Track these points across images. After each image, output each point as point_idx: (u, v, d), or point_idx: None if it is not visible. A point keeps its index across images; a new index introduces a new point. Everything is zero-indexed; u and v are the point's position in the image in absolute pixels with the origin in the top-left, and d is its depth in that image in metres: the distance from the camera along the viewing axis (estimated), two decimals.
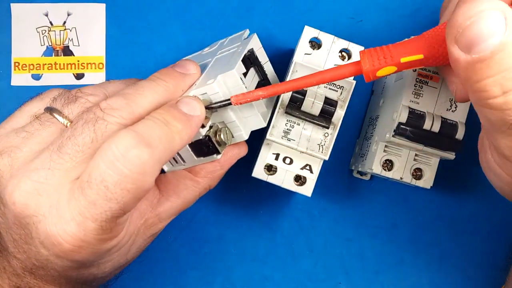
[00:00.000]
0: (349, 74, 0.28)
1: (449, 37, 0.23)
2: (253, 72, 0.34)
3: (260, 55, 0.34)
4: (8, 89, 0.41)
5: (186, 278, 0.41)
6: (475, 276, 0.42)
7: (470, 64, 0.22)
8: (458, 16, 0.22)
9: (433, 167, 0.36)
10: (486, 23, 0.21)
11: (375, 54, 0.27)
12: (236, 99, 0.30)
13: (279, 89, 0.30)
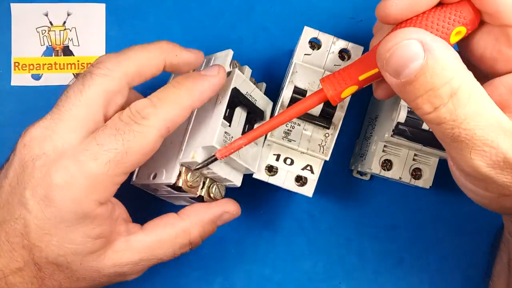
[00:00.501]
0: (317, 103, 0.30)
1: (379, 66, 0.26)
2: (239, 110, 0.34)
3: (244, 87, 0.34)
4: (8, 89, 0.41)
5: (186, 278, 0.41)
6: (475, 276, 0.42)
7: (401, 87, 0.25)
8: (382, 47, 0.25)
9: (432, 167, 0.36)
10: (405, 51, 0.24)
11: (334, 79, 0.29)
12: (220, 153, 0.31)
13: (257, 134, 0.31)
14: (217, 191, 0.34)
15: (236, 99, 0.33)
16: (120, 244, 0.31)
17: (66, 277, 0.30)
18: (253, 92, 0.35)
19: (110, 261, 0.31)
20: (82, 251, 0.30)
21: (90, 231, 0.29)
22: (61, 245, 0.29)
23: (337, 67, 0.36)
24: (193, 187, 0.33)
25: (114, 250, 0.31)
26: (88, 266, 0.30)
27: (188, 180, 0.33)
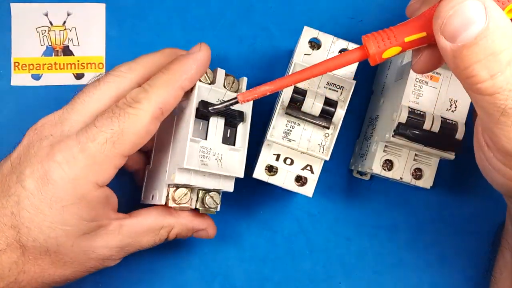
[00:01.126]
0: (355, 60, 0.28)
1: (435, 28, 0.24)
2: (215, 119, 0.34)
3: (213, 95, 0.33)
4: (8, 89, 0.41)
5: (186, 278, 0.41)
6: (475, 276, 0.42)
7: (456, 52, 0.23)
8: (441, 7, 0.24)
9: (433, 167, 0.36)
10: (466, 12, 0.23)
11: (379, 36, 0.27)
12: (243, 97, 0.30)
13: (285, 82, 0.30)
14: (211, 201, 0.34)
15: (206, 111, 0.33)
16: (113, 228, 0.32)
17: (52, 262, 0.30)
18: (226, 96, 0.34)
19: (102, 242, 0.32)
20: (75, 233, 0.30)
21: (85, 214, 0.30)
22: (54, 226, 0.29)
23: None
24: (182, 203, 0.33)
25: (107, 232, 0.32)
26: (79, 247, 0.30)
27: (175, 199, 0.33)
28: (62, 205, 0.29)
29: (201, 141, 0.33)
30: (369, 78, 0.43)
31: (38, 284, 0.31)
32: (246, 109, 0.35)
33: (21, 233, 0.29)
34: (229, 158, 0.34)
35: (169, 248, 0.41)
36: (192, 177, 0.33)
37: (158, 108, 0.30)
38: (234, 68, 0.42)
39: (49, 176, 0.29)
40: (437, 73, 0.35)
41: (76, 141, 0.29)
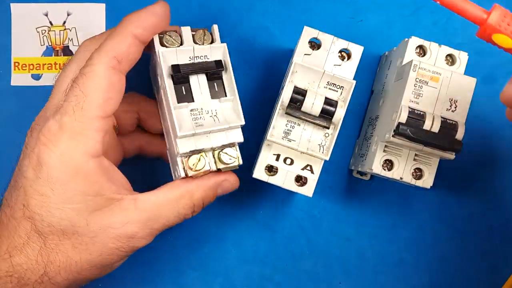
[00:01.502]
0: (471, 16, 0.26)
1: None
2: (195, 78, 0.33)
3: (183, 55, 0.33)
4: (8, 89, 0.41)
5: (186, 278, 0.41)
6: (475, 276, 0.42)
7: None
8: None
9: (433, 167, 0.36)
10: None
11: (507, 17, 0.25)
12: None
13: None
14: (227, 157, 0.33)
15: (180, 74, 0.32)
16: (127, 202, 0.31)
17: (73, 246, 0.30)
18: (197, 51, 0.33)
19: (118, 218, 0.31)
20: (85, 210, 0.30)
21: (87, 188, 0.30)
22: (62, 207, 0.29)
23: (337, 67, 0.36)
24: (199, 169, 0.33)
25: (121, 207, 0.31)
26: (95, 225, 0.30)
27: (191, 167, 0.33)
28: (60, 183, 0.29)
29: (189, 105, 0.32)
30: (369, 78, 0.43)
31: (68, 276, 0.30)
32: (222, 56, 0.34)
33: (36, 222, 0.29)
34: (224, 110, 0.33)
35: (169, 248, 0.41)
36: (195, 142, 0.32)
37: (111, 58, 0.30)
38: (234, 68, 0.42)
39: (41, 160, 0.29)
40: (437, 73, 0.35)
41: (53, 120, 0.30)
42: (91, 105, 0.30)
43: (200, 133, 0.32)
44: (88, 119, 0.30)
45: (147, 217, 0.31)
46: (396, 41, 0.41)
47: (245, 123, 0.34)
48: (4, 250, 0.29)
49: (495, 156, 0.43)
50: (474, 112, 0.43)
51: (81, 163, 0.29)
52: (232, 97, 0.33)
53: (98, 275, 0.32)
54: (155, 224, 0.32)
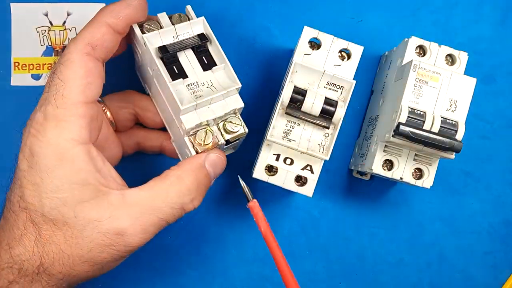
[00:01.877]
0: None
1: None
2: (183, 55, 0.33)
3: (166, 36, 0.33)
4: (8, 89, 0.41)
5: (186, 278, 0.41)
6: (475, 276, 0.42)
7: None
8: None
9: (433, 167, 0.36)
10: None
11: None
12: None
13: None
14: (232, 125, 0.34)
15: (168, 54, 0.33)
16: (115, 197, 0.30)
17: (65, 238, 0.30)
18: (178, 30, 0.34)
19: (106, 212, 0.30)
20: (72, 200, 0.29)
21: (73, 176, 0.30)
22: (50, 196, 0.29)
23: (337, 67, 0.36)
24: (208, 143, 0.33)
25: (109, 201, 0.30)
26: (83, 218, 0.29)
27: (200, 143, 0.33)
28: (48, 171, 0.29)
29: (184, 81, 0.33)
30: (369, 78, 0.43)
31: (62, 269, 0.30)
32: (203, 30, 0.34)
33: (30, 212, 0.30)
34: (218, 79, 0.34)
35: (169, 248, 0.41)
36: (198, 115, 0.33)
37: (85, 45, 0.31)
38: (234, 68, 0.42)
39: (32, 150, 0.30)
40: (437, 73, 0.35)
41: (39, 112, 0.30)
42: (71, 92, 0.30)
43: (201, 103, 0.32)
44: (70, 105, 0.30)
45: (138, 211, 0.30)
46: (396, 41, 0.41)
47: (246, 128, 0.34)
48: (5, 243, 0.30)
49: (495, 156, 0.43)
50: (474, 112, 0.43)
51: (66, 149, 0.30)
52: (223, 64, 0.34)
53: (92, 274, 0.31)
54: (147, 219, 0.30)
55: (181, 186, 0.32)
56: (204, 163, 0.33)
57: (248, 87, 0.42)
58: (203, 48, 0.34)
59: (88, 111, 0.30)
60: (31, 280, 0.30)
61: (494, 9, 0.44)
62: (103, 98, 0.38)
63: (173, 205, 0.31)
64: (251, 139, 0.42)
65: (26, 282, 0.29)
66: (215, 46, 0.34)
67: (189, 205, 0.32)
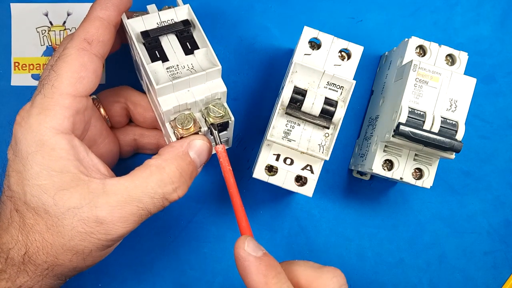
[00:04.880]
0: None
1: None
2: (166, 39, 0.33)
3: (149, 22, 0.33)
4: (8, 89, 0.41)
5: (186, 278, 0.41)
6: (475, 276, 0.42)
7: None
8: None
9: (433, 167, 0.36)
10: None
11: None
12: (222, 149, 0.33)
13: None
14: (215, 109, 0.33)
15: (150, 38, 0.33)
16: (95, 185, 0.30)
17: (47, 227, 0.30)
18: (163, 16, 0.34)
19: (85, 200, 0.30)
20: (52, 187, 0.30)
21: (52, 163, 0.30)
22: (30, 183, 0.30)
23: (337, 67, 0.36)
24: (187, 127, 0.33)
25: (89, 189, 0.30)
26: (62, 206, 0.29)
27: (179, 126, 0.33)
28: (28, 157, 0.30)
29: (164, 64, 0.33)
30: (369, 78, 0.43)
31: (46, 258, 0.30)
32: (187, 16, 0.34)
33: (14, 200, 0.30)
34: (200, 62, 0.33)
35: (169, 248, 0.41)
36: (177, 97, 0.32)
37: (81, 40, 0.32)
38: (234, 68, 0.42)
39: (16, 137, 0.31)
40: (437, 73, 0.35)
41: (29, 102, 0.31)
42: (62, 83, 0.31)
43: (179, 84, 0.32)
44: (58, 96, 0.31)
45: (116, 200, 0.30)
46: (396, 41, 0.41)
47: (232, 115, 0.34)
48: None
49: (495, 156, 0.43)
50: (474, 112, 0.43)
51: (46, 137, 0.30)
52: (205, 48, 0.34)
53: (77, 264, 0.31)
54: (126, 208, 0.30)
55: (162, 175, 0.31)
56: (187, 151, 0.33)
57: (248, 87, 0.42)
58: (186, 34, 0.34)
59: (74, 103, 0.31)
60: (18, 270, 0.30)
61: (494, 9, 0.44)
62: (97, 95, 0.38)
63: (153, 194, 0.31)
64: (251, 139, 0.42)
65: (13, 272, 0.30)
66: (199, 32, 0.34)
67: (173, 194, 0.32)
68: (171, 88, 0.32)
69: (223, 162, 0.32)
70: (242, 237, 0.29)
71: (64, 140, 0.30)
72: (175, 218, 0.41)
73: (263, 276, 0.27)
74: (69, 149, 0.30)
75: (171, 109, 0.32)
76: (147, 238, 0.41)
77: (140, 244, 0.41)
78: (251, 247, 0.28)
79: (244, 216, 0.31)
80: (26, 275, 0.30)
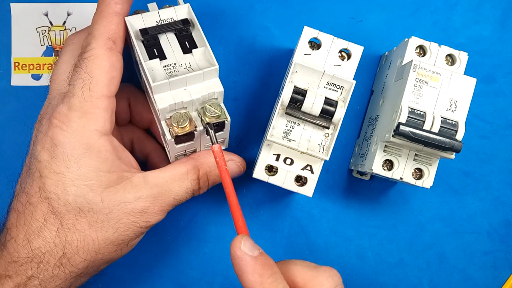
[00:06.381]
0: None
1: None
2: (165, 38, 0.33)
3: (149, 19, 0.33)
4: (8, 89, 0.41)
5: (186, 278, 0.41)
6: (475, 276, 0.42)
7: None
8: None
9: (433, 167, 0.36)
10: None
11: None
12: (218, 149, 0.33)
13: None
14: (211, 109, 0.33)
15: (148, 35, 0.33)
16: (138, 179, 0.32)
17: (89, 223, 0.31)
18: (162, 15, 0.34)
19: (130, 194, 0.32)
20: (99, 186, 0.31)
21: (100, 164, 0.31)
22: (77, 183, 0.30)
23: (337, 67, 0.36)
24: (183, 126, 0.33)
25: (132, 184, 0.32)
26: (109, 202, 0.31)
27: (174, 124, 0.33)
28: (75, 159, 0.30)
29: (162, 62, 0.33)
30: (369, 78, 0.43)
31: (86, 256, 0.31)
32: (187, 15, 0.34)
33: (52, 202, 0.30)
34: (197, 61, 0.33)
35: (169, 248, 0.41)
36: (173, 95, 0.32)
37: (106, 39, 0.32)
38: (234, 68, 0.42)
39: (55, 141, 0.31)
40: (437, 73, 0.35)
41: (62, 104, 0.31)
42: (97, 85, 0.31)
43: (176, 82, 0.32)
44: (96, 99, 0.31)
45: (157, 192, 0.33)
46: (396, 41, 0.41)
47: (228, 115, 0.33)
48: (21, 238, 0.30)
49: (495, 156, 0.43)
50: (474, 112, 0.43)
51: (92, 140, 0.31)
52: (203, 47, 0.34)
53: (115, 255, 0.33)
54: (165, 199, 0.33)
55: (196, 175, 0.34)
56: None
57: (248, 87, 0.42)
58: (185, 33, 0.34)
59: (110, 104, 0.32)
60: (52, 274, 0.30)
61: (494, 9, 0.44)
62: None
63: (187, 190, 0.34)
64: (251, 139, 0.42)
65: (46, 277, 0.30)
66: (198, 32, 0.34)
67: (199, 191, 0.35)
68: (167, 86, 0.32)
69: (219, 162, 0.32)
70: (238, 236, 0.29)
71: (107, 142, 0.32)
72: (175, 218, 0.41)
73: (258, 275, 0.28)
74: (112, 150, 0.32)
75: (167, 107, 0.32)
76: (147, 238, 0.41)
77: (140, 244, 0.41)
78: (248, 247, 0.28)
79: (241, 215, 0.31)
80: (58, 279, 0.31)
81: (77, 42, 0.34)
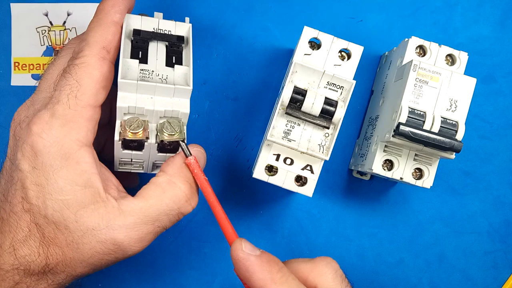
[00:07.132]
0: None
1: None
2: (154, 45, 0.33)
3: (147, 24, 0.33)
4: (8, 89, 0.41)
5: (186, 278, 0.41)
6: (475, 276, 0.42)
7: None
8: None
9: (433, 167, 0.36)
10: None
11: None
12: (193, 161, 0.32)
13: None
14: (169, 127, 0.32)
15: (139, 38, 0.32)
16: (111, 206, 0.30)
17: (66, 242, 0.30)
18: (162, 24, 0.34)
19: (103, 221, 0.30)
20: (74, 203, 0.30)
21: (77, 177, 0.30)
22: (54, 197, 0.29)
23: (337, 67, 0.36)
24: (136, 131, 0.32)
25: (106, 210, 0.30)
26: (83, 224, 0.30)
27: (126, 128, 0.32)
28: (53, 171, 0.29)
29: (141, 65, 0.32)
30: (369, 78, 0.43)
31: (65, 269, 0.30)
32: (185, 33, 0.34)
33: (34, 214, 0.30)
34: (175, 77, 0.33)
35: (169, 248, 0.41)
36: (137, 99, 0.32)
37: (101, 48, 0.31)
38: (234, 68, 0.42)
39: (35, 149, 0.30)
40: (437, 73, 0.35)
41: (45, 110, 0.30)
42: (85, 94, 0.30)
43: (143, 87, 0.31)
44: (81, 108, 0.30)
45: (133, 222, 0.30)
46: (396, 41, 0.41)
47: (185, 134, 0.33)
48: (8, 245, 0.30)
49: (495, 156, 0.43)
50: (474, 112, 0.43)
51: (72, 150, 0.30)
52: (187, 67, 0.33)
53: (93, 272, 0.32)
54: (143, 228, 0.31)
55: (175, 191, 0.31)
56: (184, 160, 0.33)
57: (248, 87, 0.42)
58: (176, 48, 0.33)
59: (95, 115, 0.31)
60: (37, 278, 0.30)
61: (494, 9, 0.44)
62: None
63: (169, 211, 0.31)
64: (251, 139, 0.42)
65: (32, 281, 0.30)
66: (188, 52, 0.33)
67: (188, 207, 0.32)
68: (134, 87, 0.31)
69: (197, 174, 0.31)
70: (237, 240, 0.29)
71: (88, 153, 0.30)
72: None
73: (268, 272, 0.27)
74: (92, 163, 0.30)
75: (126, 107, 0.32)
76: None
77: None
78: (249, 248, 0.28)
79: (229, 223, 0.31)
80: (45, 282, 0.30)
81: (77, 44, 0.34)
